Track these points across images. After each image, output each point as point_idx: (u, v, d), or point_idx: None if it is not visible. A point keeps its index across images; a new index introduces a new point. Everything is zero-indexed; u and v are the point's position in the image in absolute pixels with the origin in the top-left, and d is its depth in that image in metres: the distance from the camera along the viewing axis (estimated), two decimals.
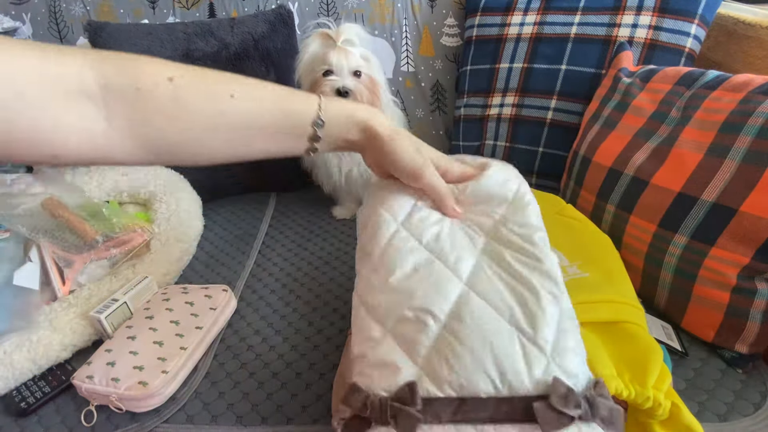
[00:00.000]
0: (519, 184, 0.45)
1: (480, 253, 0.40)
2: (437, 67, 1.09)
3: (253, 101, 0.42)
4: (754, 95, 0.56)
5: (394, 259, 0.40)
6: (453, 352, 0.33)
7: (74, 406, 0.57)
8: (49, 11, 1.06)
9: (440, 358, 0.33)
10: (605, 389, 0.33)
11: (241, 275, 0.79)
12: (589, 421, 0.31)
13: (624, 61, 0.80)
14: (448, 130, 1.13)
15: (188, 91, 0.39)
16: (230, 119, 0.41)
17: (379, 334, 0.36)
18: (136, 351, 0.58)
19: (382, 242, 0.42)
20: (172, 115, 0.39)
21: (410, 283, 0.38)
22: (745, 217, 0.53)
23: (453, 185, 0.47)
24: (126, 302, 0.65)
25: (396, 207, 0.44)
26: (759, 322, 0.55)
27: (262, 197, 1.07)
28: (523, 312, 0.35)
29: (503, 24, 0.93)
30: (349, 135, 0.45)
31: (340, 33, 0.77)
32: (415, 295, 0.37)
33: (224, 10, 1.07)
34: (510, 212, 0.42)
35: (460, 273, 0.38)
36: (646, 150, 0.65)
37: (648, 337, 0.50)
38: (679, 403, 0.44)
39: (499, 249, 0.40)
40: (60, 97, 0.35)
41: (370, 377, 0.35)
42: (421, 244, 0.41)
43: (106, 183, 0.89)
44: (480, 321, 0.34)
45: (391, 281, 0.38)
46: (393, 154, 0.44)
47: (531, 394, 0.31)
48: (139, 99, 0.37)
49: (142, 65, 0.38)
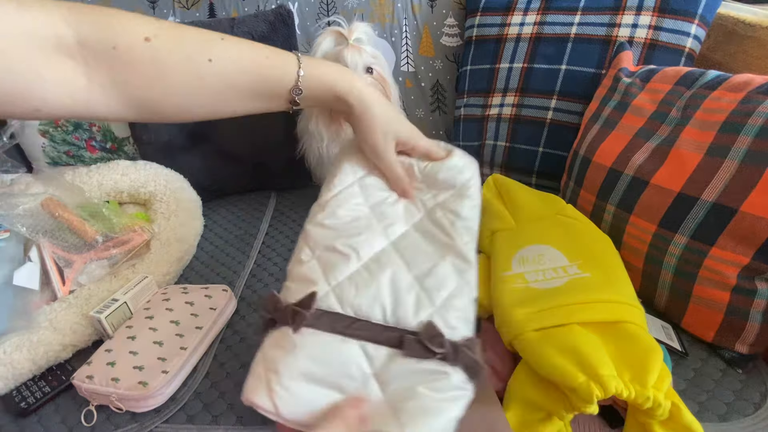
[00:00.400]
0: (470, 177, 0.50)
1: (413, 225, 0.48)
2: (437, 67, 1.09)
3: (232, 64, 0.42)
4: (754, 95, 0.56)
5: (339, 205, 0.47)
6: (363, 283, 0.41)
7: (74, 406, 0.57)
8: None
9: (351, 285, 0.40)
10: (477, 347, 0.39)
11: (241, 275, 0.79)
12: (454, 365, 0.37)
13: (624, 61, 0.80)
14: (448, 130, 1.13)
15: (166, 53, 0.39)
16: (208, 82, 0.41)
17: (306, 258, 0.43)
18: (136, 351, 0.58)
19: (335, 189, 0.49)
20: (151, 77, 0.39)
21: (345, 228, 0.45)
22: (745, 217, 0.53)
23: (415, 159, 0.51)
24: (126, 302, 0.65)
25: (357, 166, 0.51)
26: (759, 322, 0.55)
27: (262, 197, 1.07)
28: (428, 272, 0.42)
29: (503, 24, 0.93)
30: (327, 103, 0.48)
31: (352, 31, 0.77)
32: (347, 236, 0.44)
33: (224, 10, 1.07)
34: (450, 199, 0.49)
35: (389, 234, 0.46)
36: (646, 150, 0.65)
37: (648, 337, 0.50)
38: (679, 403, 0.44)
39: (429, 226, 0.47)
40: (37, 51, 0.35)
41: (289, 289, 0.42)
42: (366, 204, 0.48)
43: (106, 183, 0.89)
44: (392, 269, 0.42)
45: (329, 221, 0.46)
46: (361, 132, 0.48)
47: (411, 329, 0.38)
48: (116, 58, 0.38)
49: (117, 22, 0.38)
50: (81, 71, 0.37)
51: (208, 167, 1.02)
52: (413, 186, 0.50)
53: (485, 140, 1.00)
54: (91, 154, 1.06)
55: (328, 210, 0.47)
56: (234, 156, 1.02)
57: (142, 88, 0.39)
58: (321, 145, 0.84)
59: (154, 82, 0.40)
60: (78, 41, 0.36)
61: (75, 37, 0.36)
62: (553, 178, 0.93)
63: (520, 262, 0.61)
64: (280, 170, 1.05)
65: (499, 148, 0.99)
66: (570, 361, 0.45)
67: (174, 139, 0.98)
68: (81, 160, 1.06)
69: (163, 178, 0.93)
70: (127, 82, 0.39)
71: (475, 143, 1.01)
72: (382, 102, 0.48)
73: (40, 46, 0.35)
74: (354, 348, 0.37)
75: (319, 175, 0.93)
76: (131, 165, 0.92)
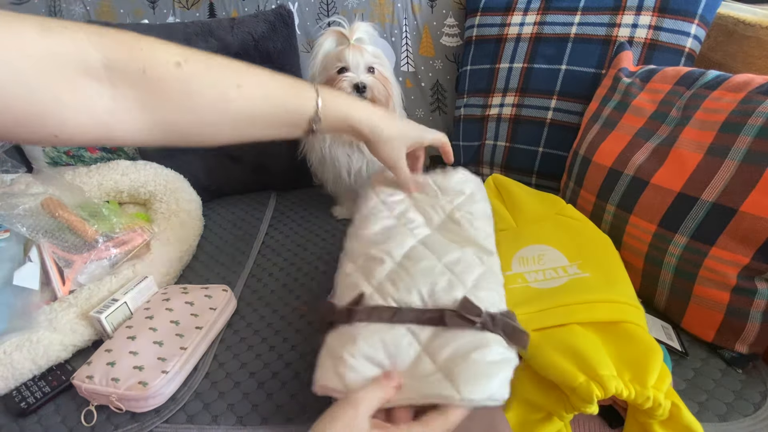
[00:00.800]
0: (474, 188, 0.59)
1: (436, 226, 0.54)
2: (437, 67, 1.09)
3: (258, 91, 0.44)
4: (754, 95, 0.56)
5: (369, 221, 0.55)
6: (399, 278, 0.46)
7: (74, 406, 0.57)
8: (49, 11, 1.06)
9: (389, 282, 0.46)
10: (514, 317, 0.44)
11: (241, 275, 0.79)
12: (494, 332, 0.41)
13: (624, 61, 0.80)
14: (448, 130, 1.13)
15: (196, 78, 0.40)
16: (236, 107, 0.43)
17: (350, 270, 0.50)
18: (136, 351, 0.58)
19: (364, 211, 0.57)
20: (181, 100, 0.40)
21: (377, 237, 0.53)
22: (745, 217, 0.53)
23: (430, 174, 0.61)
24: (126, 302, 0.66)
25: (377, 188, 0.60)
26: (759, 322, 0.55)
27: (262, 197, 1.07)
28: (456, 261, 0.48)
29: (503, 24, 0.93)
30: (343, 131, 0.52)
31: (354, 31, 0.77)
32: (379, 243, 0.51)
33: (224, 10, 1.07)
34: (465, 202, 0.57)
35: (416, 234, 0.53)
36: (646, 150, 0.65)
37: (648, 337, 0.49)
38: (679, 403, 0.44)
39: (451, 225, 0.54)
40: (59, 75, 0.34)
41: (341, 297, 0.48)
42: (391, 215, 0.56)
43: (106, 183, 0.89)
44: (423, 262, 0.48)
45: (364, 233, 0.54)
46: (377, 152, 0.55)
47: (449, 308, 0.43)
48: (145, 81, 0.38)
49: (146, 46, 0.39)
50: (108, 94, 0.37)
51: (208, 167, 1.02)
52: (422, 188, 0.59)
53: (485, 140, 1.00)
54: (91, 154, 1.06)
55: (361, 227, 0.55)
56: (234, 156, 1.02)
57: (171, 112, 0.40)
58: (323, 146, 0.84)
59: (184, 106, 0.40)
60: (105, 64, 0.36)
61: (102, 60, 0.36)
62: (553, 178, 0.93)
63: (520, 262, 0.61)
64: (280, 170, 1.05)
65: (499, 148, 0.99)
66: (570, 361, 0.45)
67: None
68: (81, 160, 1.06)
69: (163, 178, 0.93)
70: (156, 104, 0.39)
71: (475, 143, 1.01)
72: (389, 122, 0.53)
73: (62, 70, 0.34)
74: (402, 330, 0.43)
75: (320, 176, 0.93)
76: (131, 165, 0.92)
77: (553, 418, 0.47)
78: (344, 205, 0.97)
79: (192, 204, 0.92)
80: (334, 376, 0.41)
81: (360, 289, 0.47)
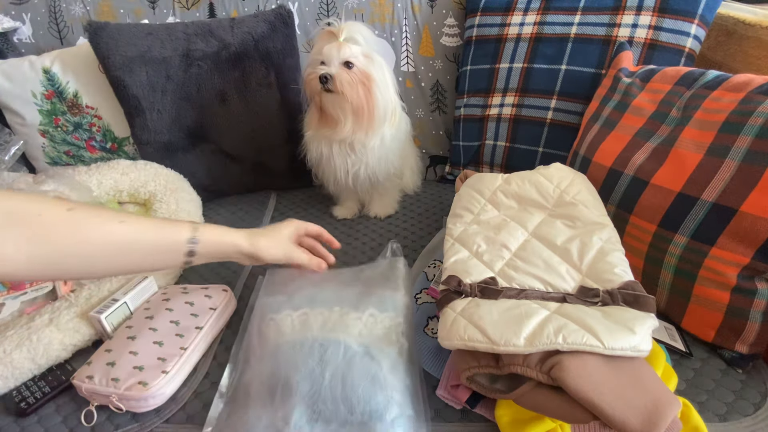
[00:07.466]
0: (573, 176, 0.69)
1: (541, 219, 0.63)
2: (437, 67, 1.09)
3: (138, 226, 0.52)
4: (754, 95, 0.56)
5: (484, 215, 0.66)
6: (517, 267, 0.55)
7: (74, 406, 0.57)
8: (49, 11, 1.06)
9: (509, 269, 0.55)
10: (638, 286, 0.49)
11: (241, 275, 0.79)
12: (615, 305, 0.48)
13: (624, 61, 0.80)
14: (448, 130, 1.13)
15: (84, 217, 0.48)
16: (117, 238, 0.50)
17: (466, 256, 0.59)
18: (136, 351, 0.58)
19: (475, 209, 0.68)
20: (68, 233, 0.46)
21: (490, 231, 0.62)
22: (745, 217, 0.53)
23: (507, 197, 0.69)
24: (126, 302, 0.65)
25: (484, 190, 0.70)
26: (759, 322, 0.55)
27: (262, 197, 1.07)
28: (567, 246, 0.56)
29: (503, 24, 0.93)
30: (228, 256, 0.60)
31: (342, 30, 0.77)
32: (494, 235, 0.60)
33: (224, 10, 1.07)
34: (567, 190, 0.65)
35: (527, 227, 0.62)
36: (646, 150, 0.65)
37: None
38: (688, 404, 0.45)
39: (558, 213, 0.63)
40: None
41: (461, 274, 0.55)
42: (498, 213, 0.66)
43: (106, 182, 0.89)
44: (537, 252, 0.57)
45: (475, 228, 0.63)
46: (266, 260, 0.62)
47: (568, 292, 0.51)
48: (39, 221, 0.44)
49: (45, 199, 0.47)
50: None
51: (208, 167, 1.02)
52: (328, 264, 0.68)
53: (485, 140, 1.00)
54: (90, 154, 1.06)
55: (474, 223, 0.65)
56: (234, 156, 1.02)
57: (56, 244, 0.46)
58: (321, 148, 0.84)
59: (70, 239, 0.46)
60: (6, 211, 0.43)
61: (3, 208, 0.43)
62: None
63: None
64: (280, 170, 1.05)
65: (499, 148, 0.99)
66: None
67: (174, 139, 0.98)
68: (81, 160, 1.06)
69: (163, 178, 0.93)
70: (43, 239, 0.45)
71: (475, 143, 1.01)
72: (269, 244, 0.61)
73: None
74: (529, 302, 0.50)
75: (320, 176, 0.93)
76: (131, 164, 0.92)
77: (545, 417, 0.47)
78: (344, 205, 0.97)
79: (192, 204, 0.92)
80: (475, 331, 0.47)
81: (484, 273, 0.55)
